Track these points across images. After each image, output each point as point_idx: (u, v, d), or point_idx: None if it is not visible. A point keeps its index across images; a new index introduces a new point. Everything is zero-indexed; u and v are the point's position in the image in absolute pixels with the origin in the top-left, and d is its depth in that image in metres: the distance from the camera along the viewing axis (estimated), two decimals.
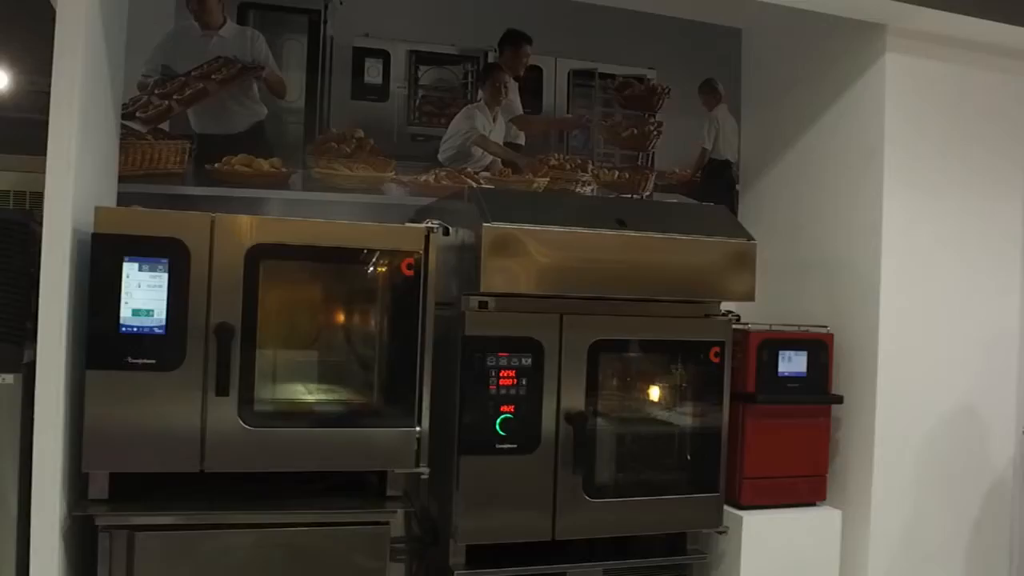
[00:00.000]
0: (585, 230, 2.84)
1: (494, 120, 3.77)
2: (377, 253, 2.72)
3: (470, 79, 3.78)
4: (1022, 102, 3.68)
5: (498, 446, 2.81)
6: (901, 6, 3.20)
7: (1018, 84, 3.67)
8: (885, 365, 3.36)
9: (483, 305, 2.79)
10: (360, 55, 3.62)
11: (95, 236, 2.46)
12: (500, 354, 2.79)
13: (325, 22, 3.58)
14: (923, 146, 3.46)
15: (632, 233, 2.90)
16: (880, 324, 3.35)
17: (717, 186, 4.11)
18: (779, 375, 3.30)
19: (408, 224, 2.81)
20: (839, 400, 3.42)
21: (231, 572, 2.55)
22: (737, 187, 4.18)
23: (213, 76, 3.42)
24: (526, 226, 2.76)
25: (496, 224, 2.72)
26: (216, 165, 3.42)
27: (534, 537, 2.89)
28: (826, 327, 3.44)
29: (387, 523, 2.70)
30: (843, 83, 3.58)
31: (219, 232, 2.54)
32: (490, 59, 3.80)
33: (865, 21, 3.40)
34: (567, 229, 2.82)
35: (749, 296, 3.06)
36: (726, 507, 3.19)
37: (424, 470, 2.71)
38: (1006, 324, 3.66)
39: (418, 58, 3.71)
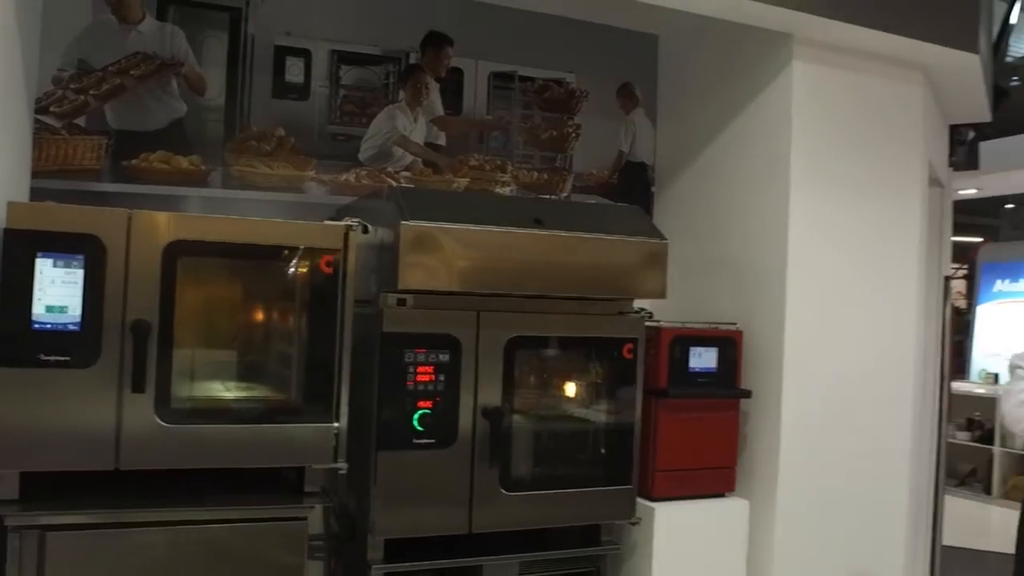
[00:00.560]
0: (502, 229, 2.91)
1: (415, 120, 3.81)
2: (296, 251, 2.73)
3: (391, 79, 3.81)
4: (916, 110, 3.87)
5: (415, 441, 2.84)
6: (806, 17, 3.33)
7: (913, 93, 3.85)
8: (791, 360, 3.50)
9: (401, 302, 2.83)
10: (281, 53, 3.62)
11: (6, 232, 2.42)
12: (418, 351, 2.83)
13: (246, 20, 3.57)
14: (827, 151, 3.61)
15: (548, 232, 2.97)
16: (786, 321, 3.49)
17: (633, 188, 4.20)
18: (690, 370, 3.40)
19: (327, 222, 2.83)
20: (747, 394, 3.54)
21: (146, 571, 2.53)
22: (653, 189, 4.28)
23: (131, 72, 3.39)
24: (444, 224, 2.81)
25: (414, 222, 2.77)
26: (133, 162, 3.38)
27: (451, 531, 2.93)
28: (735, 324, 3.56)
29: (305, 518, 2.72)
30: (753, 90, 3.71)
31: (136, 228, 2.52)
32: (412, 60, 3.83)
33: (773, 31, 3.52)
34: (484, 228, 2.88)
35: (661, 294, 3.16)
36: (639, 499, 3.27)
37: (342, 465, 2.74)
38: (904, 320, 3.85)
39: (340, 58, 3.72)
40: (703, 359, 3.42)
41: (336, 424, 2.72)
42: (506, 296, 2.96)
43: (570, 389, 3.30)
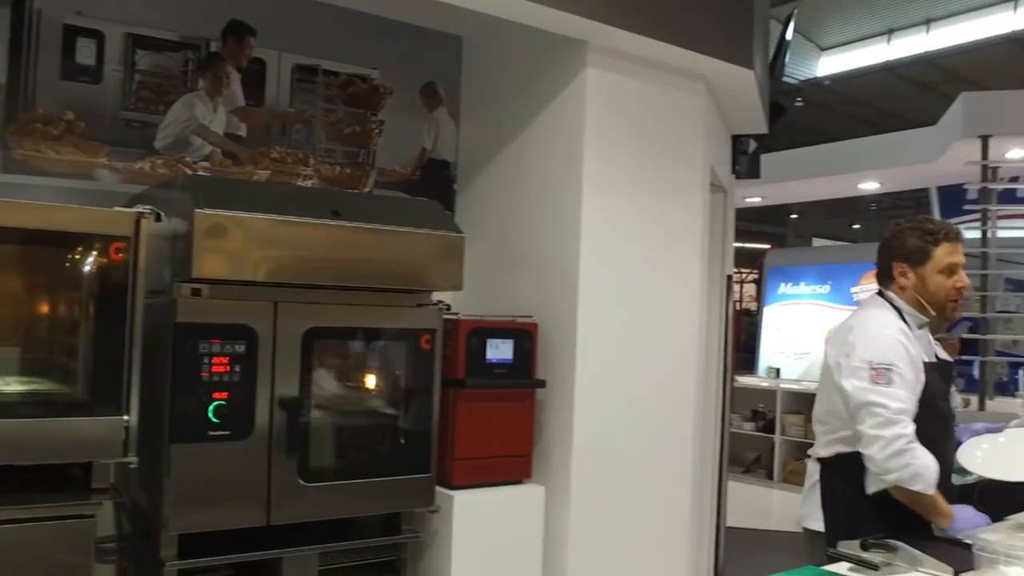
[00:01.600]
0: (299, 219, 2.91)
1: (215, 110, 3.74)
2: (84, 237, 2.63)
3: (190, 67, 3.72)
4: (698, 119, 4.14)
5: (210, 433, 2.81)
6: (598, 25, 3.51)
7: (695, 103, 4.12)
8: (583, 351, 3.66)
9: (196, 292, 2.79)
10: (71, 33, 3.45)
11: None
12: (213, 341, 2.80)
13: None
14: (617, 154, 3.80)
15: (346, 224, 3.00)
16: (578, 314, 3.65)
17: (436, 185, 4.27)
18: (487, 362, 3.50)
19: (117, 209, 2.75)
20: (542, 384, 3.68)
21: None
22: (455, 186, 4.37)
23: None
24: (240, 214, 2.79)
25: (209, 211, 2.74)
26: None
27: (248, 524, 2.91)
28: (531, 317, 3.70)
29: (92, 516, 2.62)
30: (550, 93, 3.86)
31: None
32: (213, 48, 3.76)
33: (569, 37, 3.68)
34: (281, 218, 2.88)
35: (458, 286, 3.26)
36: (438, 487, 3.35)
37: (132, 460, 2.66)
38: (687, 315, 4.10)
39: (135, 41, 3.59)
40: (500, 351, 3.53)
41: (126, 417, 2.64)
42: (304, 287, 2.97)
43: (369, 380, 3.34)
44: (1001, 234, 7.73)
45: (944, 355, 3.11)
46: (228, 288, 2.84)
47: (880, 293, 3.03)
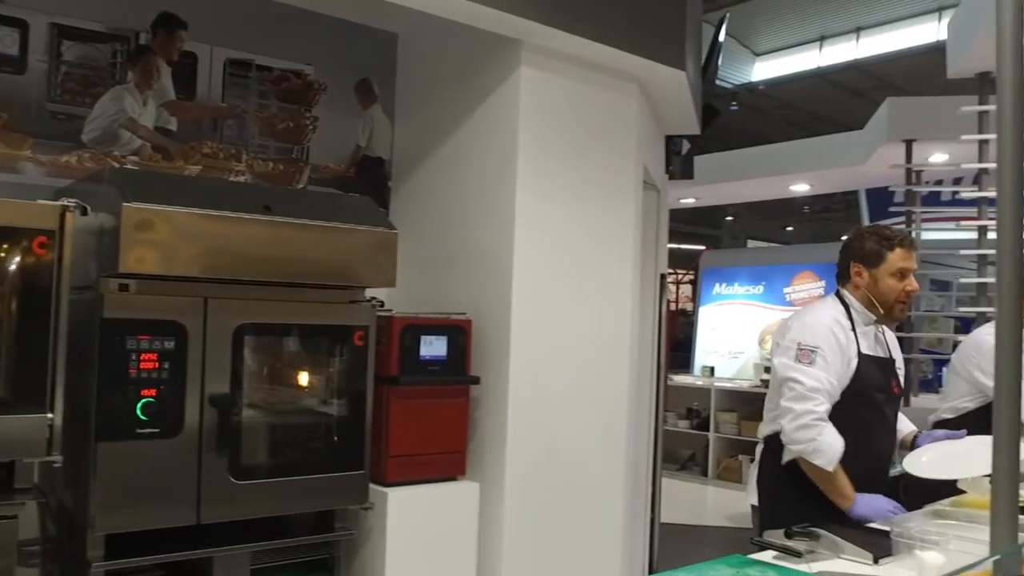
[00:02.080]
0: (230, 214, 2.88)
1: (144, 104, 3.67)
2: (6, 231, 2.55)
3: (119, 59, 3.65)
4: (630, 118, 4.19)
5: (139, 431, 2.76)
6: (532, 24, 3.53)
7: (627, 103, 4.17)
8: (516, 349, 3.68)
9: (123, 288, 2.74)
10: None
11: None
12: (141, 337, 2.75)
13: None
14: (550, 152, 3.82)
15: (277, 219, 2.97)
16: (512, 311, 3.67)
17: (371, 182, 4.26)
18: (421, 358, 3.49)
19: (41, 202, 2.69)
20: (476, 381, 3.69)
21: None
22: (390, 184, 4.36)
23: None
24: (168, 208, 2.75)
25: (136, 204, 2.69)
26: None
27: (178, 522, 2.87)
28: (465, 313, 3.71)
29: (14, 517, 2.57)
30: (484, 91, 3.87)
31: None
32: (142, 41, 3.70)
33: (505, 36, 3.69)
34: (211, 212, 2.84)
35: (391, 283, 3.25)
36: (372, 484, 3.33)
37: (56, 459, 2.60)
38: (620, 309, 4.15)
39: (61, 32, 3.52)
40: (433, 347, 3.53)
41: (50, 415, 2.58)
42: (235, 283, 2.93)
43: (302, 377, 3.31)
44: (925, 236, 7.95)
45: (898, 353, 3.26)
46: (157, 283, 2.79)
47: (837, 292, 3.19)
